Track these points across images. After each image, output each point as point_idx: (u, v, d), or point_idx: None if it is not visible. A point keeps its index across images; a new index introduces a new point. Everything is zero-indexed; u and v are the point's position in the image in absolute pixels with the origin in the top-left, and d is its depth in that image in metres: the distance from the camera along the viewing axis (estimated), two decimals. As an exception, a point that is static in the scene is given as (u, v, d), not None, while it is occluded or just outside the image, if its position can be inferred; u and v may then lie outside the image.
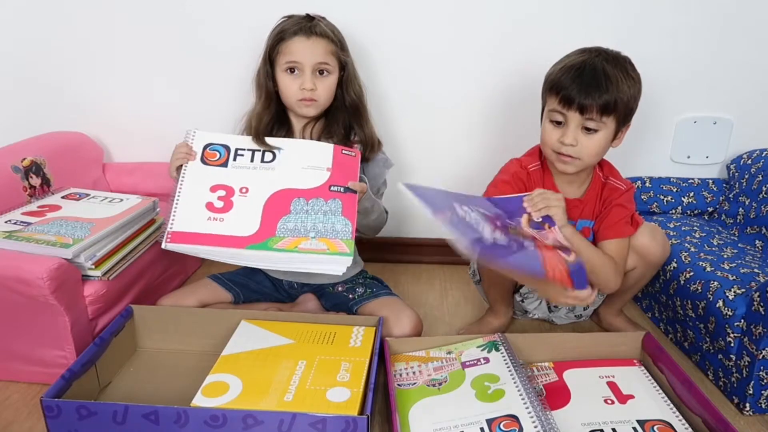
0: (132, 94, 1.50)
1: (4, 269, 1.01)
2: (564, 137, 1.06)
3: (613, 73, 1.03)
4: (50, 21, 1.44)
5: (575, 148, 1.06)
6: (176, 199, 1.11)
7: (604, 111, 1.03)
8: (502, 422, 0.92)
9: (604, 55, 1.05)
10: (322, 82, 1.20)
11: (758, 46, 1.41)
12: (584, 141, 1.06)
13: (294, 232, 1.09)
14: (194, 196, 1.11)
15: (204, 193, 1.11)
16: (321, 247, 1.08)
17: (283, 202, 1.12)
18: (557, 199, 1.05)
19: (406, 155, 1.51)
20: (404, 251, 1.62)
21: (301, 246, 1.08)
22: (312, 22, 1.20)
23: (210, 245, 1.07)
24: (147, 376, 1.11)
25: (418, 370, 1.08)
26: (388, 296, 1.26)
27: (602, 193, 1.15)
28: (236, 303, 1.28)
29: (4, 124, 1.51)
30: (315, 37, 1.18)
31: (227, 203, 1.11)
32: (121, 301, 1.20)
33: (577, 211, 1.15)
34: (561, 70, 1.06)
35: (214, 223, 1.09)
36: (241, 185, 1.13)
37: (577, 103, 1.03)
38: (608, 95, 1.02)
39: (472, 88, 1.46)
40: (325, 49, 1.18)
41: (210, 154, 1.15)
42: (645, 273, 1.19)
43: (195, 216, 1.09)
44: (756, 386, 1.03)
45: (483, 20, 1.40)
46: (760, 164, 1.38)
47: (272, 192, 1.12)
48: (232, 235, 1.08)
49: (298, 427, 0.87)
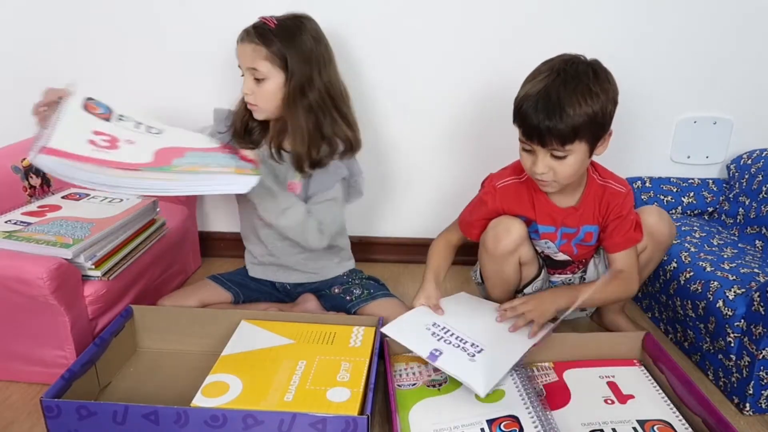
0: (132, 94, 1.50)
1: (4, 269, 1.01)
2: (535, 167, 1.03)
3: (571, 99, 0.97)
4: (50, 21, 1.44)
5: (549, 174, 1.03)
6: (55, 121, 0.93)
7: (566, 141, 0.99)
8: (502, 423, 0.92)
9: (563, 75, 0.99)
10: (260, 88, 1.15)
11: (758, 46, 1.41)
12: (556, 167, 1.03)
13: (193, 164, 1.00)
14: (76, 127, 0.95)
15: (86, 131, 0.96)
16: (225, 170, 1.00)
17: (176, 152, 1.01)
18: (530, 310, 1.09)
19: (392, 159, 1.51)
20: (404, 251, 1.62)
21: (203, 169, 0.99)
22: (253, 25, 1.15)
23: (93, 164, 0.89)
24: (147, 376, 1.11)
25: (418, 370, 1.08)
26: (386, 298, 1.26)
27: (603, 198, 1.13)
28: (236, 303, 1.28)
29: (4, 124, 1.51)
30: (245, 41, 1.14)
31: (112, 145, 0.96)
32: (121, 301, 1.20)
33: (574, 218, 1.13)
34: (522, 99, 1.01)
35: (100, 151, 0.92)
36: (127, 138, 0.99)
37: (536, 137, 1.00)
38: (565, 126, 0.97)
39: (461, 93, 1.46)
40: (253, 55, 1.13)
41: (92, 106, 1.02)
42: (653, 255, 1.18)
43: (77, 140, 0.92)
44: (756, 386, 1.03)
45: (479, 25, 1.40)
46: (760, 164, 1.38)
47: (162, 146, 1.01)
48: (122, 161, 0.93)
49: (298, 427, 0.87)
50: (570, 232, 1.14)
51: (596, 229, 1.15)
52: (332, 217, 1.23)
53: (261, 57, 1.14)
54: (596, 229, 1.15)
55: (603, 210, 1.13)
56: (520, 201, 1.14)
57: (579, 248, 1.17)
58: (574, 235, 1.15)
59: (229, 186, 1.01)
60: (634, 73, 1.32)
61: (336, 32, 1.26)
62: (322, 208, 1.21)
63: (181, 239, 1.44)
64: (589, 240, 1.16)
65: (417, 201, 1.58)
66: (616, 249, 1.13)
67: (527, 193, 1.14)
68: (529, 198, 1.13)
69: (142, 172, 0.93)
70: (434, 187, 1.56)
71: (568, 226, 1.14)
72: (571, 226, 1.14)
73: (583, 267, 1.24)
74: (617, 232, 1.12)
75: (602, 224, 1.14)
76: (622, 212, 1.12)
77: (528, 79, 1.05)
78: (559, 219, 1.13)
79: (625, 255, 1.13)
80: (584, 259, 1.22)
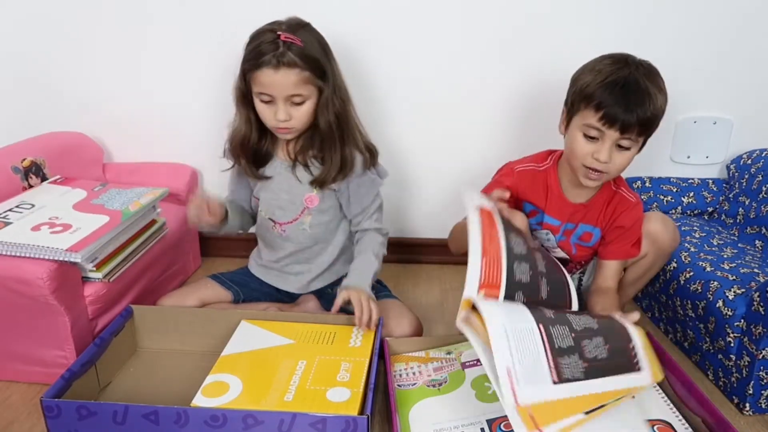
0: (132, 94, 1.50)
1: (4, 269, 1.01)
2: (599, 154, 1.02)
3: (652, 90, 0.99)
4: (50, 21, 1.44)
5: (607, 164, 1.03)
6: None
7: (644, 130, 1.01)
8: (502, 422, 0.92)
9: (641, 69, 1.01)
10: (298, 110, 1.11)
11: (758, 46, 1.40)
12: (616, 158, 1.03)
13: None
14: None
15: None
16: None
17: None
18: None
19: (392, 160, 1.50)
20: (404, 251, 1.62)
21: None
22: (281, 48, 1.06)
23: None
24: (147, 376, 1.11)
25: (418, 370, 1.08)
26: (387, 299, 1.26)
27: (611, 202, 1.13)
28: (236, 302, 1.28)
29: (4, 124, 1.51)
30: (284, 68, 1.06)
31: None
32: (121, 301, 1.20)
33: (579, 215, 1.14)
34: (601, 85, 1.00)
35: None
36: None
37: (620, 122, 0.98)
38: (650, 114, 0.99)
39: (461, 93, 1.46)
40: (296, 80, 1.07)
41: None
42: (655, 261, 1.18)
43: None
44: (756, 386, 1.03)
45: (478, 25, 1.40)
46: (760, 164, 1.38)
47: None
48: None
49: (298, 427, 0.87)
50: (570, 228, 1.15)
51: (597, 231, 1.15)
52: (383, 216, 1.27)
53: (304, 81, 1.08)
54: (597, 231, 1.15)
55: (609, 214, 1.13)
56: (535, 187, 1.14)
57: (578, 248, 1.17)
58: (573, 231, 1.15)
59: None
60: (634, 73, 1.32)
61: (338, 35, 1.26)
62: (376, 217, 1.25)
63: (181, 239, 1.44)
64: (587, 240, 1.16)
65: (417, 201, 1.58)
66: (609, 257, 1.14)
67: (543, 182, 1.14)
68: (544, 187, 1.14)
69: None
70: (434, 188, 1.56)
71: (571, 221, 1.14)
72: (573, 221, 1.14)
73: (581, 269, 1.24)
74: (617, 241, 1.13)
75: (605, 229, 1.14)
76: (627, 223, 1.12)
77: (591, 70, 1.04)
78: (566, 213, 1.14)
79: (618, 264, 1.15)
80: (582, 261, 1.23)
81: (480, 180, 1.26)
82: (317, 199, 1.21)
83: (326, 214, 1.23)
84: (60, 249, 1.02)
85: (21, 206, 1.16)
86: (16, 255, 1.02)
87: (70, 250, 1.02)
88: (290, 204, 1.22)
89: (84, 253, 1.03)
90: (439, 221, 1.53)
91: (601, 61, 1.04)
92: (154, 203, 1.27)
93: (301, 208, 1.22)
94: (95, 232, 1.09)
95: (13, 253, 1.02)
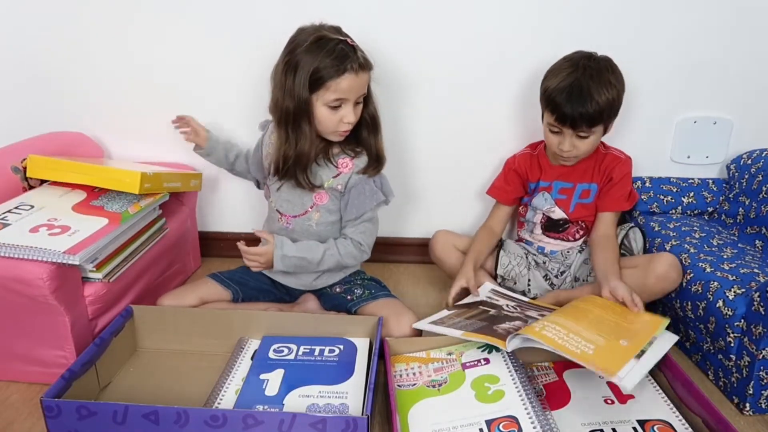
0: (132, 93, 1.50)
1: (4, 269, 1.01)
2: (562, 145, 1.27)
3: (597, 89, 1.19)
4: (50, 21, 1.44)
5: (573, 151, 1.27)
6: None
7: (592, 124, 1.22)
8: (501, 423, 0.92)
9: (589, 71, 1.21)
10: (359, 110, 1.18)
11: (759, 46, 1.40)
12: (579, 144, 1.26)
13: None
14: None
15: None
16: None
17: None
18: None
19: (392, 160, 1.50)
20: (404, 251, 1.62)
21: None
22: (358, 52, 1.13)
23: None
24: (147, 376, 1.11)
25: (418, 371, 1.08)
26: (387, 298, 1.26)
27: (604, 161, 1.33)
28: (235, 301, 1.28)
29: (4, 124, 1.51)
30: (362, 72, 1.14)
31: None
32: (121, 301, 1.20)
33: (566, 174, 1.35)
34: (554, 90, 1.22)
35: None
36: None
37: (569, 122, 1.22)
38: (593, 111, 1.20)
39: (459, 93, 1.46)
40: (368, 80, 1.17)
41: None
42: (654, 291, 1.22)
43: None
44: (756, 386, 1.03)
45: (479, 25, 1.40)
46: (760, 164, 1.38)
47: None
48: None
49: (298, 427, 0.87)
50: (567, 186, 1.35)
51: (595, 186, 1.34)
52: (370, 236, 1.27)
53: (369, 79, 1.18)
54: (595, 186, 1.34)
55: (603, 170, 1.33)
56: (531, 167, 1.39)
57: (577, 207, 1.35)
58: (572, 190, 1.34)
59: None
60: (634, 73, 1.32)
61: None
62: (362, 229, 1.25)
63: (181, 239, 1.44)
64: (587, 197, 1.34)
65: (418, 202, 1.58)
66: (604, 209, 1.34)
67: (537, 162, 1.40)
68: (538, 165, 1.39)
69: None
70: (435, 188, 1.56)
71: (564, 180, 1.35)
72: (571, 181, 1.34)
73: (580, 237, 1.37)
74: (609, 194, 1.33)
75: (601, 183, 1.34)
76: (617, 177, 1.32)
77: (553, 73, 1.26)
78: (554, 174, 1.36)
79: (613, 215, 1.34)
80: (581, 222, 1.36)
81: (480, 180, 1.26)
82: (327, 197, 1.24)
83: (334, 214, 1.26)
84: (58, 251, 1.01)
85: (20, 207, 1.15)
86: (14, 257, 1.01)
87: (68, 252, 1.02)
88: (299, 198, 1.25)
89: (82, 256, 1.03)
90: (438, 222, 1.53)
91: (561, 64, 1.26)
92: (154, 206, 1.27)
93: (310, 203, 1.25)
94: (94, 235, 1.09)
95: (11, 255, 1.01)
